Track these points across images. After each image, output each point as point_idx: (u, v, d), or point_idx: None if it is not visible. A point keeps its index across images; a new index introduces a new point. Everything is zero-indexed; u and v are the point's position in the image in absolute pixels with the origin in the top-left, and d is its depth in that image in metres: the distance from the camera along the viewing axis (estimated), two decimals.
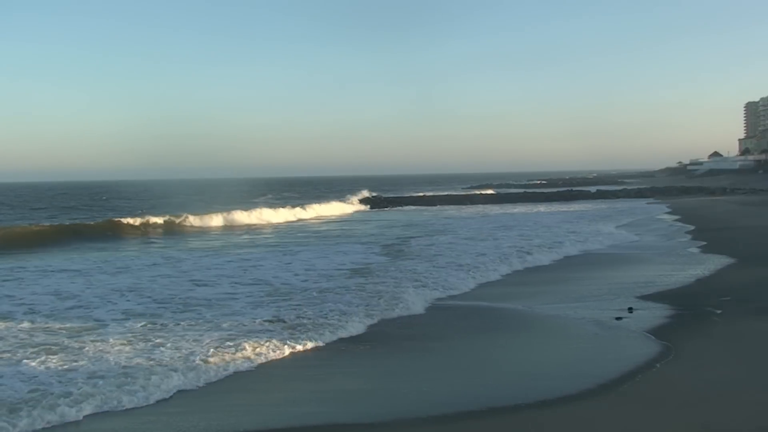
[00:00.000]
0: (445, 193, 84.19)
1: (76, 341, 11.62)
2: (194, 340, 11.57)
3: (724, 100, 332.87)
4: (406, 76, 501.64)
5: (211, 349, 10.90)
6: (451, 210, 57.21)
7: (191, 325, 12.95)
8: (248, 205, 57.33)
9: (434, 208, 61.31)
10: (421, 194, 78.26)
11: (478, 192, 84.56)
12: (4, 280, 19.47)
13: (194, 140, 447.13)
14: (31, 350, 10.95)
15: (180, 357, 10.51)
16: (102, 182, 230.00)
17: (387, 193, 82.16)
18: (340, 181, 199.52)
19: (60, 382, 9.23)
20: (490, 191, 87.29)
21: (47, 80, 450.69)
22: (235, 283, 18.35)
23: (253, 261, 23.32)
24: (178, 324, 12.99)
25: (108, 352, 10.80)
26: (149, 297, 16.15)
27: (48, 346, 11.19)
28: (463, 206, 62.42)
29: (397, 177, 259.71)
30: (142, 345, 11.32)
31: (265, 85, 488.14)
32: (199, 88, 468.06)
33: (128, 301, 15.72)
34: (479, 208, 57.48)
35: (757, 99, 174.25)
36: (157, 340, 11.59)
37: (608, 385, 9.39)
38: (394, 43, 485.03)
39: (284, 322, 13.12)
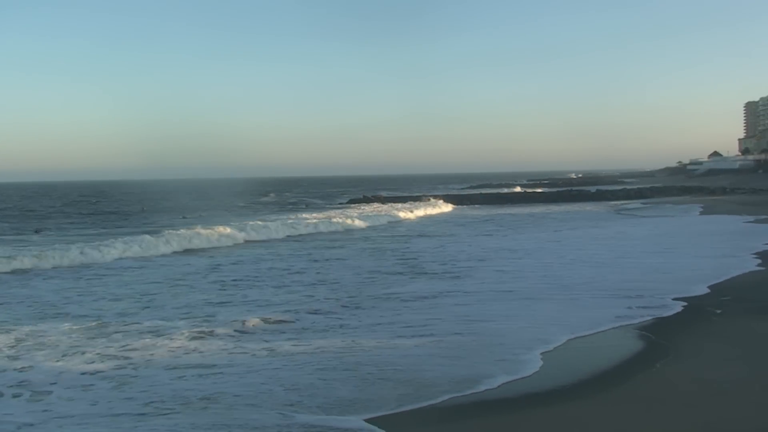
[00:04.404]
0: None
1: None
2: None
3: (724, 100, 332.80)
4: (405, 76, 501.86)
5: None
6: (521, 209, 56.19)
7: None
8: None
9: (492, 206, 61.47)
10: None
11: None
12: None
13: (194, 140, 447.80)
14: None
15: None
16: (97, 182, 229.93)
17: (396, 193, 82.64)
18: (341, 181, 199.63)
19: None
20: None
21: (45, 78, 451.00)
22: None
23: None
24: None
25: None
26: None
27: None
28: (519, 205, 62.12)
29: (397, 177, 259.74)
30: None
31: (264, 84, 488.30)
32: (199, 87, 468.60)
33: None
34: (540, 208, 56.95)
35: (757, 99, 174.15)
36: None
37: (608, 385, 9.40)
38: (394, 43, 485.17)
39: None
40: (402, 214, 48.29)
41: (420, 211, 52.41)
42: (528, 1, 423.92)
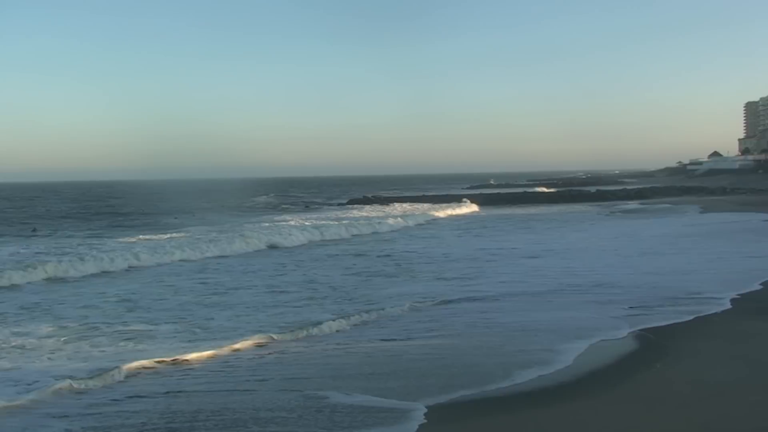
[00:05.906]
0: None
1: None
2: None
3: (724, 100, 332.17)
4: (405, 76, 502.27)
5: None
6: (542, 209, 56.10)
7: None
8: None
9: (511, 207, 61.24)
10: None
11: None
12: None
13: (193, 140, 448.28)
14: None
15: None
16: (97, 182, 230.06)
17: (401, 193, 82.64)
18: (341, 181, 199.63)
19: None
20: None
21: (45, 78, 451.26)
22: None
23: None
24: None
25: None
26: None
27: None
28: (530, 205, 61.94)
29: (397, 177, 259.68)
30: None
31: (264, 84, 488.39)
32: (199, 87, 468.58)
33: None
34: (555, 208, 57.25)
35: (757, 99, 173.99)
36: None
37: (608, 385, 9.36)
38: (394, 43, 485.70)
39: None
40: (438, 213, 51.97)
41: (451, 210, 54.91)
42: (529, 2, 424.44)
